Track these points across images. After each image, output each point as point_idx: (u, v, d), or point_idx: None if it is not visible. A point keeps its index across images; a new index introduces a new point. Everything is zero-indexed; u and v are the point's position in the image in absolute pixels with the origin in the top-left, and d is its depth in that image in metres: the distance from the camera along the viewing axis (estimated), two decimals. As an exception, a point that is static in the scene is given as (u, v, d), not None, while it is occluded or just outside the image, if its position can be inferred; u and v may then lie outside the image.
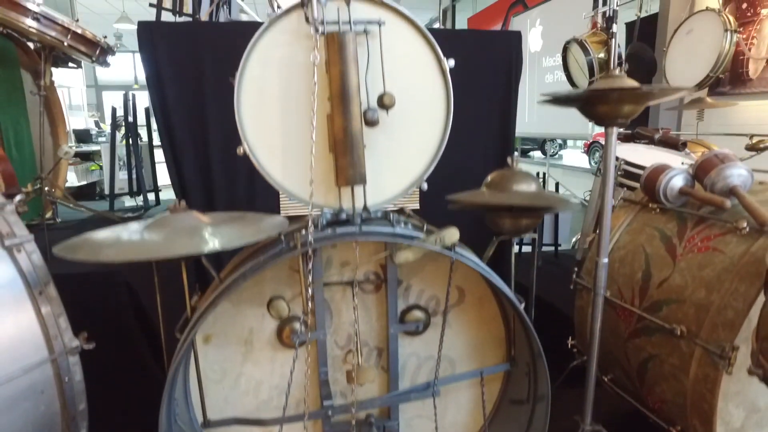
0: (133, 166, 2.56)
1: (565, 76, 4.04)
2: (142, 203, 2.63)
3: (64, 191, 2.13)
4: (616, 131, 1.18)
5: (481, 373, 1.20)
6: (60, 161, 2.13)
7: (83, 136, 6.83)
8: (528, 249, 3.42)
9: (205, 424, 1.15)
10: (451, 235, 0.93)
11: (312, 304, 1.06)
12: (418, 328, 1.17)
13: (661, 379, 1.39)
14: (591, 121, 1.16)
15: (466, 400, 1.29)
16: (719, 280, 1.25)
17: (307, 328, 1.06)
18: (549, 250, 3.37)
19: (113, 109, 2.98)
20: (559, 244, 3.38)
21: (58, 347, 0.97)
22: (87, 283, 1.88)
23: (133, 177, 2.60)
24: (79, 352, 1.01)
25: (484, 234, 1.22)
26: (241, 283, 0.90)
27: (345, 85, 0.93)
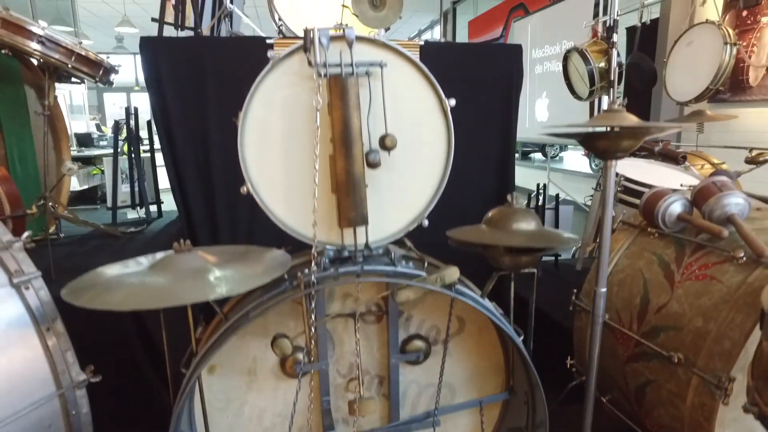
0: (135, 179, 2.58)
1: (565, 83, 4.05)
2: (144, 215, 2.64)
3: (67, 208, 2.15)
4: (615, 164, 1.19)
5: (480, 403, 1.21)
6: (63, 177, 2.14)
7: (85, 140, 6.85)
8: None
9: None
10: (451, 274, 0.94)
11: (315, 337, 1.07)
12: (418, 358, 1.18)
13: (658, 404, 1.41)
14: (591, 152, 1.18)
15: (465, 426, 1.31)
16: (716, 309, 1.27)
17: (309, 362, 1.07)
18: (549, 260, 3.39)
19: (115, 122, 3.00)
20: (559, 255, 3.39)
21: (66, 382, 0.99)
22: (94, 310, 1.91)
23: (136, 189, 2.62)
24: (86, 385, 1.03)
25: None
26: (245, 324, 0.92)
27: (347, 129, 0.94)
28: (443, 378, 1.25)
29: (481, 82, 2.58)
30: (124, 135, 2.88)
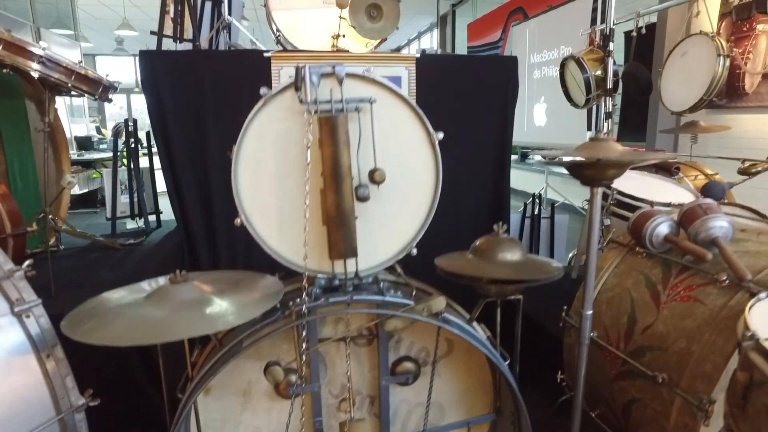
0: (134, 190, 2.61)
1: (562, 90, 4.07)
2: (143, 225, 2.68)
3: (67, 212, 2.18)
4: (600, 191, 1.23)
5: (468, 424, 1.25)
6: (63, 191, 2.17)
7: (85, 143, 6.88)
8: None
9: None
10: (437, 303, 0.98)
11: (307, 361, 1.11)
12: (408, 380, 1.22)
13: (644, 422, 1.44)
14: (578, 180, 1.21)
15: (454, 444, 1.34)
16: (699, 331, 1.30)
17: (302, 386, 1.11)
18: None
19: (115, 127, 3.04)
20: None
21: (65, 406, 1.02)
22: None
23: (135, 200, 2.65)
24: (85, 408, 1.06)
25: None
26: (238, 353, 0.95)
27: (337, 165, 0.97)
28: (434, 398, 1.29)
29: (477, 94, 2.61)
30: (124, 139, 2.92)
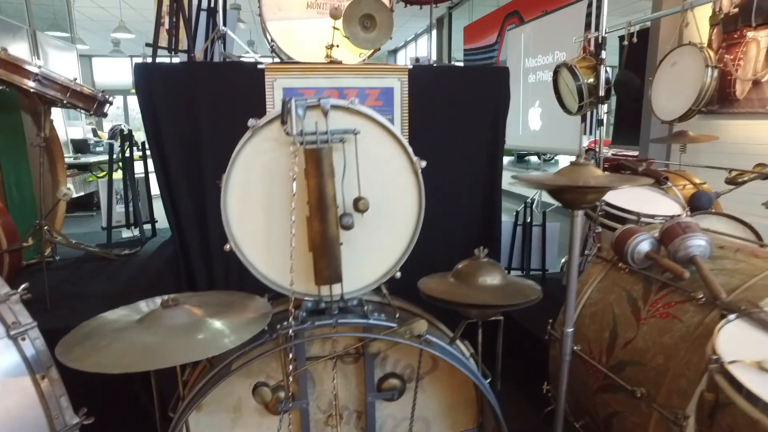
0: (129, 199, 2.65)
1: (555, 97, 4.11)
2: (138, 234, 2.71)
3: (61, 233, 2.21)
4: (581, 214, 1.27)
5: (452, 439, 1.29)
6: (58, 202, 2.20)
7: (81, 146, 6.90)
8: (516, 272, 3.52)
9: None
10: (419, 326, 1.02)
11: (295, 377, 1.14)
12: (393, 396, 1.26)
13: (624, 435, 1.49)
14: (559, 203, 1.25)
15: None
16: (676, 348, 1.34)
17: (290, 404, 1.14)
18: (537, 274, 3.47)
19: (111, 137, 3.08)
20: (547, 270, 3.47)
21: (60, 425, 1.05)
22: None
23: (130, 210, 2.68)
24: (79, 427, 1.09)
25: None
26: (228, 375, 0.99)
27: (322, 196, 1.01)
28: (419, 412, 1.33)
29: (469, 104, 2.65)
30: (119, 140, 2.94)
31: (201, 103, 2.33)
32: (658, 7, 4.91)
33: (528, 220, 3.33)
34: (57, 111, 6.53)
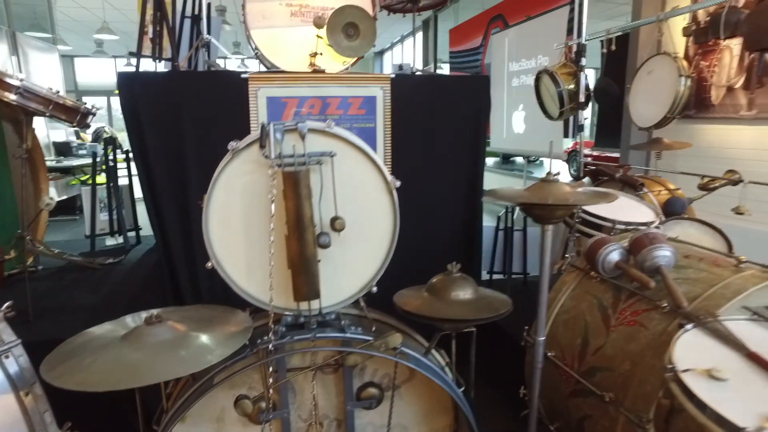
0: (113, 207, 2.65)
1: (537, 102, 4.18)
2: (122, 242, 2.72)
3: (44, 242, 2.21)
4: (551, 228, 1.33)
5: (428, 446, 1.34)
6: (41, 212, 2.20)
7: (63, 149, 6.82)
8: (499, 276, 3.59)
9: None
10: (394, 339, 1.06)
11: (276, 391, 1.18)
12: (372, 404, 1.30)
13: (595, 437, 1.55)
14: (530, 218, 1.30)
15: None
16: (642, 354, 1.41)
17: (271, 415, 1.18)
18: (518, 278, 3.54)
19: (95, 139, 3.08)
20: (528, 273, 3.54)
21: (44, 440, 1.08)
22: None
23: (114, 217, 2.69)
24: (64, 440, 1.12)
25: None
26: (210, 389, 1.02)
27: (299, 216, 1.05)
28: (397, 419, 1.37)
29: (450, 113, 2.71)
30: (103, 142, 2.94)
31: (185, 112, 2.34)
32: (637, 14, 5.01)
33: (509, 225, 3.40)
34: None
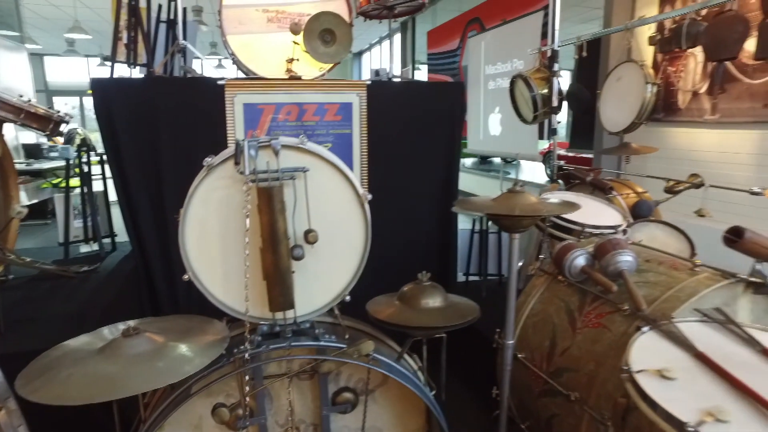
0: (88, 214, 2.62)
1: (512, 106, 4.27)
2: (97, 249, 2.69)
3: (14, 251, 2.18)
4: (518, 237, 1.39)
5: (402, 447, 1.38)
6: (11, 221, 2.17)
7: (34, 151, 6.66)
8: (474, 277, 3.67)
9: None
10: (366, 346, 1.10)
11: (253, 398, 1.21)
12: (347, 409, 1.34)
13: (562, 435, 1.62)
14: (497, 226, 1.36)
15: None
16: (605, 355, 1.48)
17: (248, 421, 1.21)
18: (493, 279, 3.62)
19: (67, 141, 3.05)
20: (503, 275, 3.62)
21: (20, 453, 1.09)
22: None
23: (88, 224, 2.66)
24: (40, 453, 1.13)
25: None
26: (188, 398, 1.05)
27: (273, 230, 1.09)
28: (372, 422, 1.42)
29: (426, 119, 2.76)
30: (76, 145, 2.91)
31: (161, 119, 2.34)
32: (608, 21, 5.15)
33: (485, 227, 3.48)
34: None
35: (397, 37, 11.03)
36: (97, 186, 2.79)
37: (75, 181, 2.83)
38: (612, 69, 3.81)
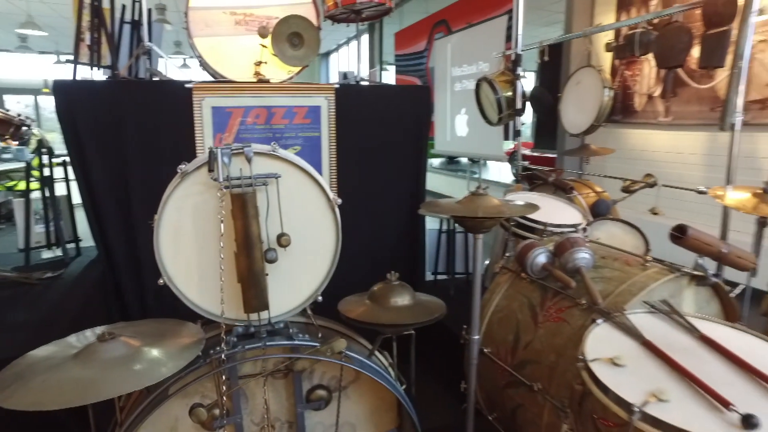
0: (50, 219, 2.56)
1: (477, 108, 4.38)
2: (61, 254, 2.63)
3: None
4: (481, 237, 1.46)
5: (374, 440, 1.44)
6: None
7: (-15, 153, 6.38)
8: (443, 276, 3.76)
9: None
10: (339, 344, 1.15)
11: (229, 398, 1.24)
12: (321, 405, 1.38)
13: (526, 423, 1.71)
14: (463, 228, 1.43)
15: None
16: (565, 347, 1.57)
17: (225, 421, 1.24)
18: (461, 277, 3.71)
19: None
20: (470, 273, 3.72)
21: (-7, 460, 1.09)
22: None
23: (51, 228, 2.59)
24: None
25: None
26: (165, 400, 1.07)
27: (247, 235, 1.12)
28: (346, 417, 1.46)
29: (394, 121, 2.82)
30: (34, 146, 2.83)
31: (128, 122, 2.31)
32: (569, 27, 5.34)
33: (452, 227, 3.57)
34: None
35: (365, 37, 11.07)
36: (60, 189, 2.72)
37: (35, 184, 2.74)
38: (572, 73, 3.97)
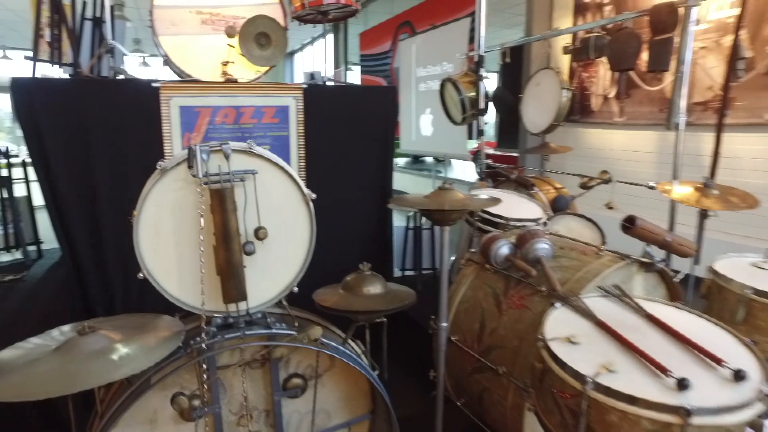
0: (9, 221, 2.49)
1: (442, 108, 4.49)
2: (22, 257, 2.56)
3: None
4: (447, 229, 1.55)
5: (348, 425, 1.50)
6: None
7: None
8: (410, 272, 3.85)
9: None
10: (314, 332, 1.21)
11: (209, 387, 1.27)
12: (297, 393, 1.44)
13: (491, 406, 1.81)
14: (429, 220, 1.51)
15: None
16: (527, 332, 1.68)
17: (204, 409, 1.27)
18: (429, 273, 3.81)
19: None
20: (437, 268, 3.83)
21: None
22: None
23: (10, 231, 2.52)
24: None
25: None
26: (146, 390, 1.09)
27: (226, 229, 1.16)
28: (321, 405, 1.52)
29: (361, 121, 2.88)
30: None
31: (91, 121, 2.28)
32: (529, 30, 5.54)
33: (418, 224, 3.66)
34: None
35: (330, 37, 11.06)
36: (20, 191, 2.65)
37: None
38: (532, 75, 4.13)
